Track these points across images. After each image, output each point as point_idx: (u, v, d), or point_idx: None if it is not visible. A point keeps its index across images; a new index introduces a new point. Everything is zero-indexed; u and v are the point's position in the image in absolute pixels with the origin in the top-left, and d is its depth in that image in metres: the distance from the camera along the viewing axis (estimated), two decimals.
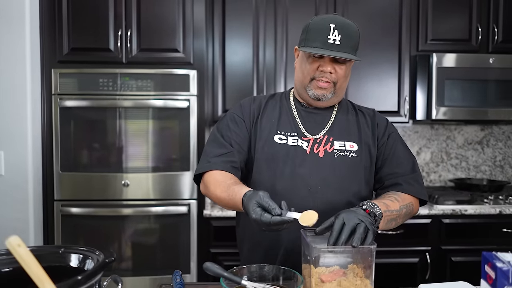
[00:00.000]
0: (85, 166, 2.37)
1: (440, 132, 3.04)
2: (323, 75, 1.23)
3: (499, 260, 0.81)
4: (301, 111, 1.33)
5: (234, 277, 0.94)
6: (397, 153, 1.32)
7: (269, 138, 1.28)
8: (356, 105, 1.40)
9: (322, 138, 1.28)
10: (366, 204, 1.10)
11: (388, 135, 1.33)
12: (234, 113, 1.34)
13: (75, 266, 0.91)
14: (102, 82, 2.34)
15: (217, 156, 1.25)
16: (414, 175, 1.30)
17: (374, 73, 2.64)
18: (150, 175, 2.37)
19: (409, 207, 1.24)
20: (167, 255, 2.39)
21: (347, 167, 1.25)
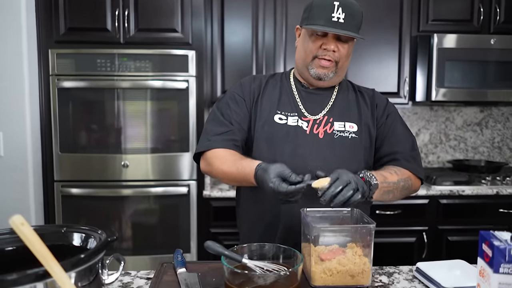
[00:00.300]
0: (84, 147, 2.37)
1: (440, 114, 3.04)
2: (326, 53, 1.22)
3: (496, 238, 0.83)
4: (302, 91, 1.32)
5: (235, 255, 0.95)
6: (396, 132, 1.32)
7: (269, 118, 1.28)
8: (356, 86, 1.39)
9: (322, 119, 1.28)
10: (363, 173, 1.11)
11: (387, 115, 1.33)
12: (235, 92, 1.33)
13: (77, 245, 0.92)
14: (100, 62, 2.31)
15: (217, 135, 1.25)
16: (413, 153, 1.31)
17: (374, 54, 2.62)
18: (150, 156, 2.38)
19: (407, 181, 1.24)
20: (168, 235, 2.41)
21: (347, 148, 1.26)
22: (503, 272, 0.79)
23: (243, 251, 1.01)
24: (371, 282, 1.08)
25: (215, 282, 1.01)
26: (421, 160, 1.34)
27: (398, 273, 1.15)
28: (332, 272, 0.97)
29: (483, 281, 0.84)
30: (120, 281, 1.11)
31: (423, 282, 1.07)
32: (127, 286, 1.08)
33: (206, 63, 2.52)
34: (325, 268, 0.97)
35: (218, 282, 1.00)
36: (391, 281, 1.10)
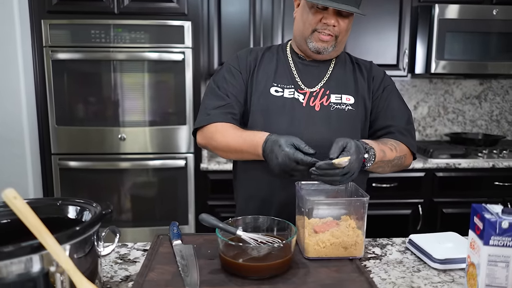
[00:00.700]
0: (80, 120, 2.36)
1: (439, 86, 3.01)
2: (325, 27, 1.20)
3: (488, 211, 0.83)
4: (298, 63, 1.30)
5: (229, 227, 0.96)
6: (391, 106, 1.31)
7: (265, 90, 1.27)
8: (354, 58, 1.37)
9: (318, 91, 1.27)
10: (368, 152, 1.10)
11: (383, 88, 1.32)
12: (231, 65, 1.32)
13: (73, 218, 0.93)
14: (94, 33, 2.27)
15: (215, 108, 1.24)
16: (408, 127, 1.31)
17: (374, 25, 2.57)
18: (147, 129, 2.37)
19: (401, 159, 1.25)
20: (166, 207, 2.44)
21: (343, 120, 1.25)
22: (493, 244, 0.80)
23: (237, 223, 1.02)
24: (364, 253, 1.10)
25: (210, 253, 1.02)
26: (415, 135, 1.34)
27: (391, 245, 1.17)
28: (325, 244, 0.98)
29: (474, 253, 0.85)
30: (117, 253, 1.12)
31: (415, 253, 1.09)
32: (124, 257, 1.09)
33: (202, 34, 2.47)
34: (318, 240, 0.98)
35: (213, 253, 1.01)
36: (383, 252, 1.12)
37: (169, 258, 1.01)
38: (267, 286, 0.87)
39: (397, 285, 0.94)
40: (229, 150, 1.20)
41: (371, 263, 1.05)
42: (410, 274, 0.99)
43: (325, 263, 0.97)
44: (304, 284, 0.88)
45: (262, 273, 0.90)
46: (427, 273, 1.00)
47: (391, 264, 1.05)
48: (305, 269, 0.95)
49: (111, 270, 1.02)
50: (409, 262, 1.06)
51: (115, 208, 2.42)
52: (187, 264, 0.93)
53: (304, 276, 0.91)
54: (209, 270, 0.94)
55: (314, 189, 1.11)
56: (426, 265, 1.04)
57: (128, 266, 1.04)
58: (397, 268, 1.02)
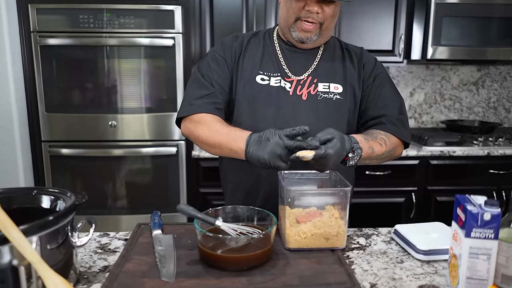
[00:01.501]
0: (70, 107, 2.33)
1: (435, 73, 2.97)
2: (309, 15, 1.15)
3: (470, 203, 0.81)
4: (285, 50, 1.26)
5: (208, 218, 0.94)
6: (383, 95, 1.26)
7: (250, 78, 1.23)
8: (344, 44, 1.33)
9: (306, 79, 1.23)
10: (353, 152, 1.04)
11: (374, 76, 1.27)
12: (215, 52, 1.27)
13: (46, 208, 0.91)
14: (83, 18, 2.22)
15: (199, 98, 1.20)
16: (401, 116, 1.26)
17: (369, 9, 2.51)
18: (138, 116, 2.34)
19: (390, 152, 1.21)
20: (157, 195, 2.42)
21: (331, 109, 1.22)
22: (475, 237, 0.78)
23: (217, 213, 1.00)
24: (349, 244, 1.08)
25: (190, 244, 1.00)
26: (408, 124, 1.29)
27: (376, 235, 1.15)
28: (306, 235, 0.96)
29: (456, 245, 0.83)
30: (98, 242, 1.11)
31: (400, 244, 1.07)
32: (105, 247, 1.08)
33: (194, 19, 2.42)
34: (299, 231, 0.97)
35: (193, 244, 1.00)
36: (368, 242, 1.10)
37: (148, 248, 0.99)
38: (245, 277, 0.85)
39: (379, 276, 0.92)
40: (209, 144, 1.14)
41: (354, 254, 1.03)
42: (393, 265, 0.97)
43: (306, 254, 0.96)
44: (283, 275, 0.86)
45: (240, 265, 0.88)
46: (410, 264, 0.98)
47: (375, 254, 1.03)
48: (285, 260, 0.93)
49: (90, 260, 1.00)
50: (393, 253, 1.04)
51: (107, 195, 2.41)
52: (165, 254, 0.92)
53: (283, 268, 0.89)
54: (187, 261, 0.92)
55: (298, 178, 1.09)
56: (410, 256, 1.02)
57: (108, 256, 1.02)
58: (380, 259, 1.01)
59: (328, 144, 0.97)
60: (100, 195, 2.40)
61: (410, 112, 3.01)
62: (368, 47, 2.49)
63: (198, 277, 0.85)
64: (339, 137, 0.99)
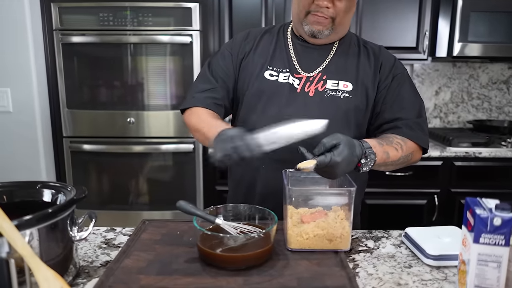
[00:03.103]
0: (91, 104, 2.37)
1: (463, 71, 2.85)
2: (318, 9, 1.11)
3: (480, 206, 0.76)
4: (298, 45, 1.23)
5: (208, 216, 0.93)
6: (401, 97, 1.19)
7: (260, 74, 1.21)
8: (362, 41, 1.27)
9: (315, 76, 1.20)
10: (365, 158, 0.98)
11: (392, 77, 1.20)
12: (225, 48, 1.28)
13: (48, 201, 0.92)
14: (103, 16, 2.26)
15: (201, 92, 1.22)
16: (419, 120, 1.19)
17: (392, 5, 2.43)
18: (155, 113, 2.36)
19: (407, 157, 1.14)
20: (174, 192, 2.44)
21: (338, 108, 1.17)
22: (484, 243, 0.73)
23: (218, 211, 0.99)
24: (356, 246, 1.04)
25: (191, 241, 0.99)
26: (427, 127, 1.22)
27: (386, 238, 1.11)
28: (308, 236, 0.93)
29: (465, 251, 0.78)
30: (103, 237, 1.11)
31: (410, 248, 1.02)
32: (109, 242, 1.08)
33: (213, 17, 2.42)
34: (302, 231, 0.94)
35: (194, 242, 0.98)
36: (377, 245, 1.06)
37: (148, 245, 0.99)
38: (241, 277, 0.83)
39: (383, 281, 0.88)
40: (195, 129, 1.18)
41: (361, 257, 0.99)
42: (400, 269, 0.93)
43: (308, 256, 0.92)
44: (280, 276, 0.83)
45: (238, 264, 0.86)
46: (418, 269, 0.93)
47: (382, 258, 0.98)
48: (285, 261, 0.90)
49: (93, 255, 1.01)
50: (401, 257, 0.99)
51: (126, 191, 2.44)
52: None
53: (282, 268, 0.87)
54: (186, 258, 0.91)
55: (304, 177, 1.06)
56: (420, 261, 0.97)
57: (111, 251, 1.02)
58: (388, 262, 0.96)
59: (334, 151, 0.91)
60: (119, 191, 2.44)
61: (435, 111, 2.90)
62: (391, 44, 2.45)
63: (194, 275, 0.84)
64: (346, 143, 0.92)
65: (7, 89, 2.22)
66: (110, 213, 2.43)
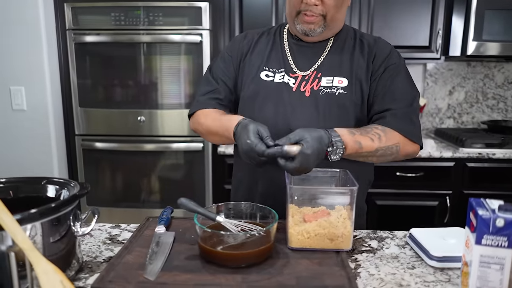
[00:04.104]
0: (103, 102, 2.40)
1: (478, 70, 2.79)
2: (307, 7, 1.11)
3: (483, 207, 0.74)
4: (293, 45, 1.23)
5: (209, 213, 0.93)
6: (393, 88, 1.14)
7: (256, 75, 1.22)
8: (359, 34, 1.24)
9: (310, 75, 1.19)
10: (332, 145, 0.97)
11: (385, 68, 1.16)
12: (225, 50, 1.31)
13: (51, 196, 0.93)
14: (115, 16, 2.28)
15: (204, 94, 1.25)
16: (407, 109, 1.12)
17: (404, 3, 2.40)
18: (165, 111, 2.38)
19: (390, 148, 1.08)
20: (183, 190, 2.45)
21: (333, 105, 1.15)
22: (486, 244, 0.71)
23: (220, 209, 0.99)
24: (359, 246, 1.03)
25: (193, 239, 0.99)
26: (418, 120, 1.16)
27: (391, 238, 1.09)
28: (309, 235, 0.93)
29: (468, 252, 0.77)
30: (108, 233, 1.13)
31: (414, 249, 1.01)
32: (114, 238, 1.09)
33: (223, 16, 2.42)
34: (303, 230, 0.93)
35: (196, 239, 0.98)
36: (380, 246, 1.04)
37: (151, 241, 0.99)
38: (240, 275, 0.83)
39: (385, 282, 0.86)
40: (210, 133, 1.18)
41: (363, 257, 0.98)
42: (403, 270, 0.91)
43: (309, 255, 0.92)
44: (280, 275, 0.83)
45: (238, 262, 0.86)
46: (422, 270, 0.92)
47: (385, 259, 0.97)
48: (285, 259, 0.90)
49: (97, 250, 1.02)
50: (405, 258, 0.98)
51: (137, 189, 2.46)
52: (158, 251, 0.91)
53: (281, 267, 0.86)
54: (186, 255, 0.92)
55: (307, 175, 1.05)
56: (423, 262, 0.95)
57: (115, 247, 1.03)
58: (390, 263, 0.95)
59: (303, 143, 0.92)
60: (130, 188, 2.47)
61: (449, 111, 2.85)
62: (403, 43, 2.42)
63: (193, 272, 0.84)
64: (310, 136, 0.93)
65: (22, 88, 2.27)
66: (122, 210, 2.46)
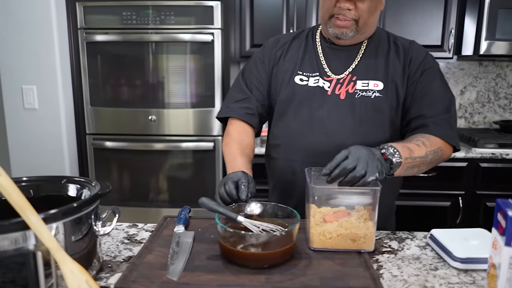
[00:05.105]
0: (114, 101, 2.40)
1: (490, 70, 2.77)
2: (341, 11, 1.11)
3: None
4: (326, 48, 1.23)
5: (230, 213, 0.93)
6: (430, 93, 1.17)
7: (290, 80, 1.23)
8: (393, 36, 1.25)
9: (345, 78, 1.19)
10: (386, 148, 1.00)
11: (422, 72, 1.18)
12: (257, 56, 1.32)
13: (73, 196, 0.93)
14: (126, 15, 2.28)
15: (235, 102, 1.28)
16: (446, 116, 1.16)
17: (416, 1, 2.38)
18: (178, 111, 2.37)
19: (437, 153, 1.11)
20: (193, 190, 2.45)
21: (369, 108, 1.16)
22: None
23: (240, 209, 0.98)
24: (379, 247, 1.02)
25: (212, 239, 0.99)
26: (456, 124, 1.19)
27: (410, 239, 1.08)
28: (331, 235, 0.92)
29: (495, 254, 0.76)
30: (126, 233, 1.12)
31: (435, 250, 1.00)
32: (132, 237, 1.09)
33: (234, 15, 2.42)
34: (324, 230, 0.92)
35: (215, 239, 0.98)
36: (401, 247, 1.03)
37: (170, 241, 0.99)
38: (263, 276, 0.82)
39: (409, 283, 0.85)
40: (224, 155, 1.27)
41: (384, 258, 0.97)
42: (426, 272, 0.90)
43: (331, 255, 0.91)
44: (303, 275, 0.82)
45: (260, 262, 0.85)
46: (445, 272, 0.91)
47: (407, 260, 0.96)
48: (308, 260, 0.89)
49: (116, 250, 1.02)
50: (427, 259, 0.97)
51: (147, 188, 2.46)
52: (179, 251, 0.91)
53: (304, 268, 0.85)
54: (207, 255, 0.91)
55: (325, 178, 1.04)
56: (446, 264, 0.94)
57: (133, 247, 1.03)
58: (412, 264, 0.94)
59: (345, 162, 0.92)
60: (140, 187, 2.47)
61: (460, 111, 2.83)
62: None
63: (216, 273, 0.83)
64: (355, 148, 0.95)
65: (33, 87, 2.27)
66: (131, 209, 2.46)
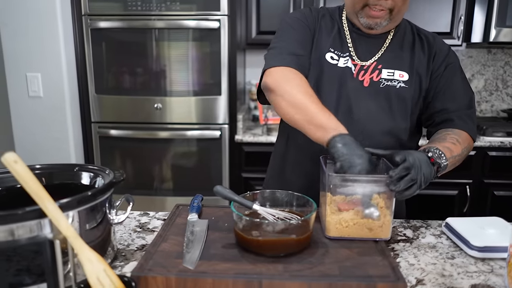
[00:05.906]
0: (119, 89, 2.38)
1: (498, 57, 2.74)
2: (377, 2, 1.08)
3: None
4: (353, 32, 1.20)
5: (245, 201, 0.91)
6: (453, 87, 1.17)
7: (321, 55, 1.18)
8: (416, 28, 1.23)
9: (370, 65, 1.17)
10: (433, 152, 1.00)
11: (445, 66, 1.18)
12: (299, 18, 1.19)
13: (86, 184, 0.92)
14: (131, 1, 2.25)
15: (292, 54, 1.11)
16: (469, 111, 1.18)
17: None
18: (184, 99, 2.35)
19: (468, 148, 1.14)
20: (200, 178, 2.44)
21: (393, 98, 1.15)
22: None
23: (255, 197, 0.97)
24: (395, 235, 1.01)
25: (226, 227, 0.98)
26: (476, 118, 1.20)
27: (425, 228, 1.08)
28: (348, 224, 0.91)
29: None
30: (138, 221, 1.12)
31: (452, 238, 0.99)
32: (144, 226, 1.09)
33: (240, 2, 2.38)
34: (341, 219, 0.91)
35: (229, 227, 0.97)
36: (416, 235, 1.03)
37: (184, 229, 0.98)
38: (281, 264, 0.81)
39: (426, 272, 0.85)
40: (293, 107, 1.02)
41: (400, 246, 0.96)
42: (443, 260, 0.90)
43: (347, 244, 0.90)
44: (321, 264, 0.81)
45: (277, 251, 0.84)
46: (462, 260, 0.90)
47: (423, 248, 0.96)
48: (324, 248, 0.88)
49: (129, 238, 1.01)
50: (443, 248, 0.96)
51: (152, 176, 2.46)
52: (194, 240, 0.90)
53: (321, 256, 0.85)
54: (223, 244, 0.90)
55: None
56: (463, 252, 0.94)
57: (146, 235, 1.03)
58: (429, 253, 0.93)
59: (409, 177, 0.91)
60: (145, 176, 2.46)
61: None
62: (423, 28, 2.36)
63: (233, 261, 0.83)
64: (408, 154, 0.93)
65: (38, 74, 2.25)
66: (136, 198, 2.44)
